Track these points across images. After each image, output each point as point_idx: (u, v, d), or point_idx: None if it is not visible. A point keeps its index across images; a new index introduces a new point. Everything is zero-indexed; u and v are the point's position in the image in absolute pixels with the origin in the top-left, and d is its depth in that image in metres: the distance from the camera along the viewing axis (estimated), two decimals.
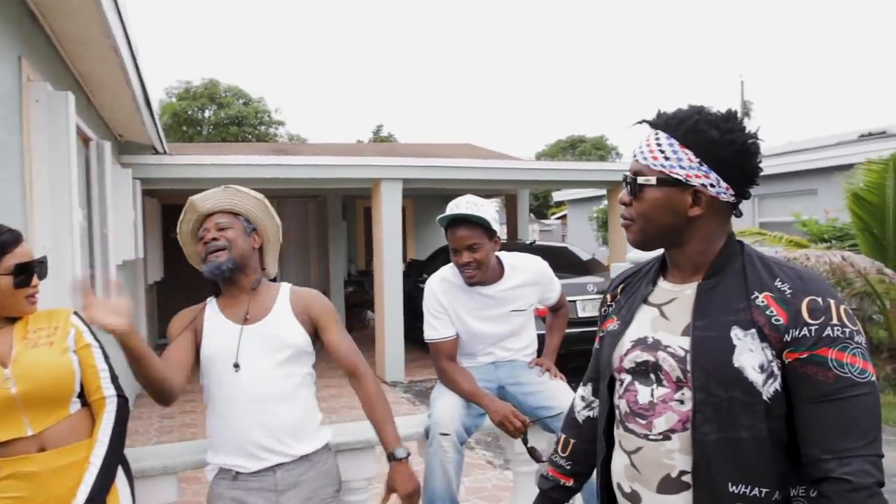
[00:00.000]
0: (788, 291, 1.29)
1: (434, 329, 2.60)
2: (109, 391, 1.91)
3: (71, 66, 3.97)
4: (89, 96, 4.71)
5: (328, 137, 56.95)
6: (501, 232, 2.85)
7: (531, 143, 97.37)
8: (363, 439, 2.41)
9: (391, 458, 2.08)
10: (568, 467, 1.71)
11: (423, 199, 12.72)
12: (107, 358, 1.96)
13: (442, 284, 2.64)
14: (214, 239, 2.03)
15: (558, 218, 29.47)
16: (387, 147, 13.17)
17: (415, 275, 9.76)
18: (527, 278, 2.65)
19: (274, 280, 2.25)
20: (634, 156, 1.43)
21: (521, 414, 2.46)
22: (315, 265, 12.54)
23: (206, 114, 26.84)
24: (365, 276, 12.11)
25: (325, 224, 11.79)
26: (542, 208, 33.95)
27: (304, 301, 2.15)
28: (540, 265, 2.72)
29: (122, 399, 1.94)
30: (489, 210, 2.52)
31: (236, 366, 1.99)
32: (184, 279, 11.94)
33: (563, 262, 8.13)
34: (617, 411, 1.48)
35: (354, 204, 13.53)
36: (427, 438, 2.45)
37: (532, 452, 2.45)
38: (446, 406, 2.46)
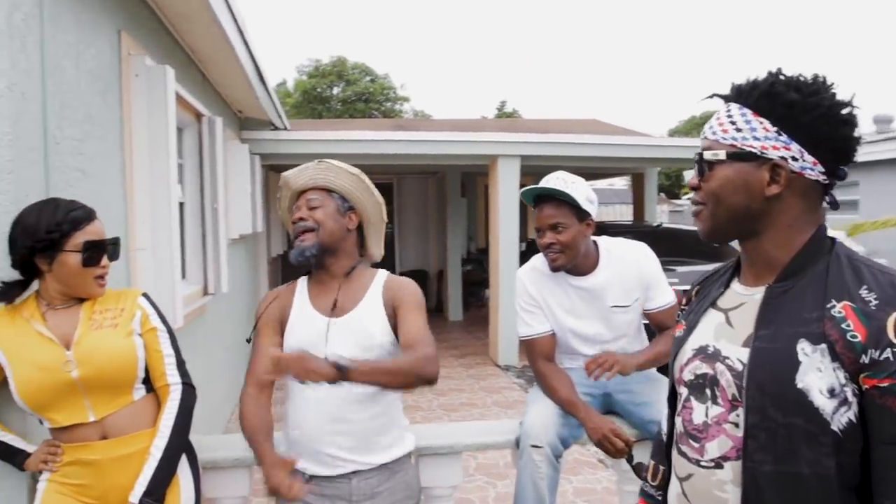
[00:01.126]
0: (874, 302, 1.06)
1: (526, 325, 2.32)
2: (174, 378, 1.81)
3: (181, 41, 3.97)
4: (203, 72, 4.74)
5: (452, 114, 57.18)
6: (625, 213, 2.48)
7: (664, 119, 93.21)
8: (447, 444, 2.18)
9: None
10: (658, 497, 1.44)
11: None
12: (174, 343, 1.86)
13: (532, 274, 2.35)
14: (302, 219, 1.87)
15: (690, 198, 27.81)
16: (507, 123, 12.81)
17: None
18: (625, 268, 2.28)
19: (380, 265, 2.08)
20: (703, 134, 1.21)
21: (623, 432, 2.13)
22: (433, 242, 12.49)
23: (335, 91, 27.56)
24: (484, 255, 11.91)
25: (443, 201, 11.65)
26: (673, 188, 32.31)
27: (394, 291, 1.92)
28: (641, 254, 2.32)
29: (187, 387, 1.83)
30: (581, 188, 2.19)
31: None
32: None
33: (693, 247, 7.50)
34: (675, 429, 1.28)
35: (475, 181, 13.32)
36: (518, 449, 2.18)
37: (638, 470, 2.12)
38: (540, 414, 2.17)
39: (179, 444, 1.78)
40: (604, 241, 2.33)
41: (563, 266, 2.23)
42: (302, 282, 1.98)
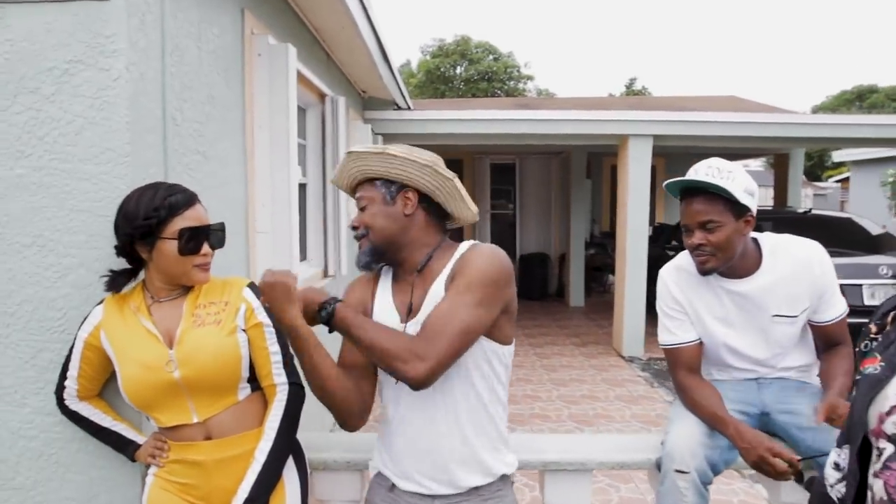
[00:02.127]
0: None
1: (668, 332, 2.03)
2: (281, 378, 1.68)
3: (305, 21, 3.90)
4: (328, 52, 4.69)
5: (578, 92, 55.77)
6: (766, 198, 2.12)
7: (808, 95, 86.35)
8: (577, 460, 1.95)
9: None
10: None
11: (677, 158, 11.59)
12: (281, 338, 1.71)
13: (677, 275, 2.05)
14: (355, 227, 1.63)
15: (837, 181, 25.58)
16: (637, 100, 12.15)
17: (662, 241, 8.92)
18: (793, 271, 1.93)
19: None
20: None
21: (784, 451, 1.79)
22: (556, 224, 12.14)
23: (458, 70, 27.46)
24: (608, 239, 11.46)
25: (567, 182, 11.27)
26: (815, 169, 29.83)
27: (457, 269, 1.54)
28: (815, 254, 1.95)
29: (295, 387, 1.69)
30: (739, 179, 1.86)
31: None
32: None
33: (846, 236, 6.78)
34: (869, 493, 1.06)
35: (601, 161, 12.81)
36: (659, 472, 1.91)
37: (810, 487, 1.80)
38: (685, 433, 1.89)
39: (285, 447, 1.66)
40: (768, 239, 1.99)
41: (714, 270, 1.92)
42: (387, 270, 1.71)
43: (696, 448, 1.84)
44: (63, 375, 1.77)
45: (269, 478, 1.62)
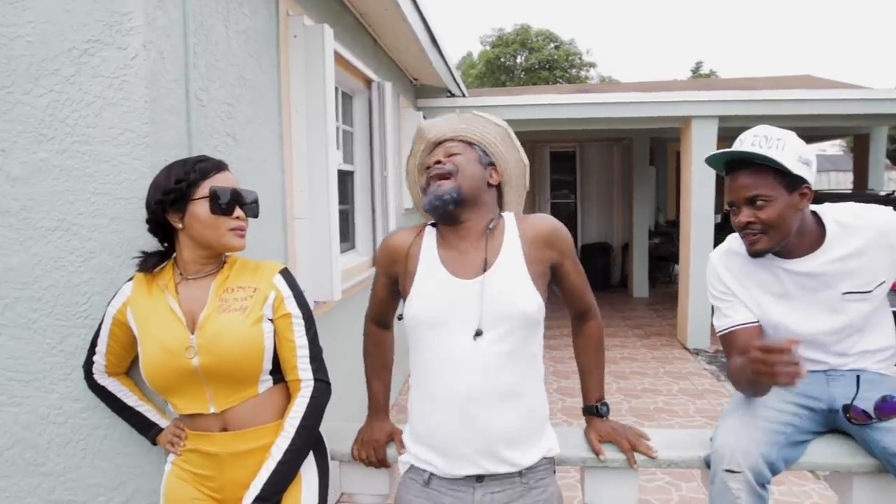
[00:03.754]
0: None
1: (724, 315, 1.84)
2: (306, 374, 1.58)
3: (348, 4, 3.83)
4: (375, 37, 4.61)
5: (642, 78, 54.37)
6: (841, 182, 1.89)
7: (890, 70, 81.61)
8: (621, 456, 1.79)
9: (588, 412, 1.80)
10: None
11: None
12: (310, 331, 1.62)
13: (728, 259, 1.87)
14: (439, 162, 1.59)
15: None
16: (703, 82, 11.64)
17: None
18: (867, 240, 1.72)
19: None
20: None
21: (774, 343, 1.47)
22: (618, 213, 11.80)
23: (518, 60, 27.11)
24: (674, 227, 11.05)
25: (630, 169, 10.91)
26: None
27: (543, 237, 1.61)
28: (889, 220, 1.73)
29: (321, 384, 1.60)
30: (791, 147, 1.65)
31: (478, 334, 1.53)
32: None
33: None
34: None
35: (665, 147, 12.38)
36: (709, 470, 1.74)
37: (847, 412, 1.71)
38: (736, 429, 1.71)
39: (303, 447, 1.57)
40: (830, 211, 1.78)
41: (766, 251, 1.73)
42: (430, 230, 1.69)
43: (750, 446, 1.66)
44: (91, 350, 1.74)
45: (283, 477, 1.53)
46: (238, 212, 1.60)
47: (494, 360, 1.51)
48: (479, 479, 1.54)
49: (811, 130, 9.40)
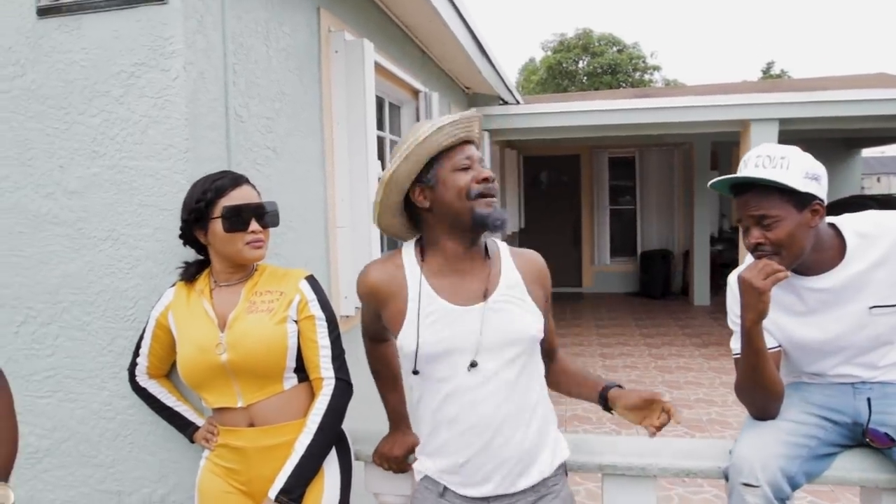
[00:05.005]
0: None
1: (738, 340, 1.78)
2: (328, 373, 1.68)
3: (393, 17, 3.94)
4: (423, 48, 4.71)
5: (709, 80, 52.99)
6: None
7: None
8: (637, 465, 1.81)
9: (607, 389, 1.69)
10: None
11: (818, 144, 10.64)
12: (333, 333, 1.72)
13: None
14: (487, 180, 1.52)
15: None
16: (767, 83, 11.29)
17: None
18: (888, 247, 1.66)
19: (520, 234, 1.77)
20: None
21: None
22: (679, 220, 11.56)
23: (580, 65, 26.89)
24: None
25: (690, 174, 10.70)
26: None
27: (535, 269, 1.64)
28: None
29: (341, 382, 1.69)
30: (797, 164, 1.61)
31: (473, 364, 1.50)
32: (543, 228, 12.28)
33: None
34: None
35: (729, 151, 12.05)
36: (727, 483, 1.73)
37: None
38: (755, 443, 1.69)
39: (325, 442, 1.66)
40: (849, 222, 1.73)
41: (795, 268, 1.70)
42: (407, 251, 1.61)
43: (769, 460, 1.63)
44: (136, 353, 1.88)
45: (306, 471, 1.62)
46: (254, 225, 1.69)
47: (504, 387, 1.51)
48: (495, 497, 1.56)
49: (885, 131, 9.00)
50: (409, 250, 1.61)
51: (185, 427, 1.87)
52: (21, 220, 2.08)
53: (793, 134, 7.45)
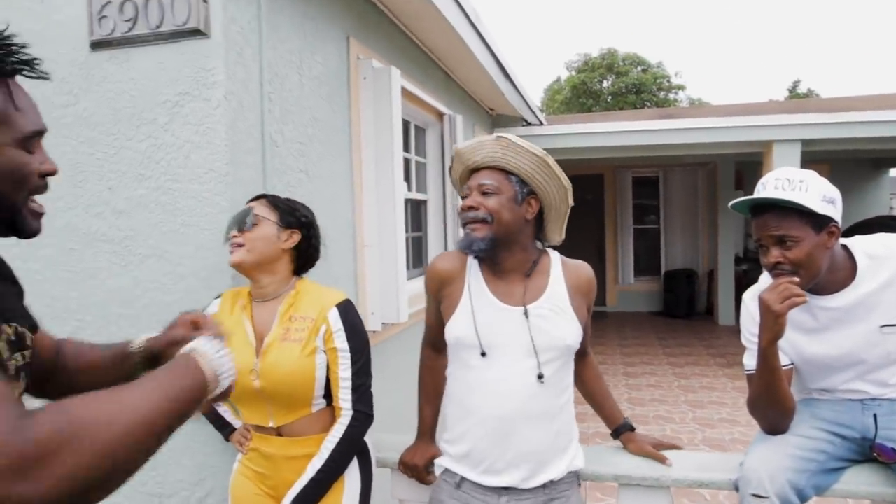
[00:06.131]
0: None
1: (754, 357, 1.83)
2: (346, 404, 1.75)
3: (418, 43, 4.08)
4: (447, 72, 4.85)
5: (735, 98, 52.67)
6: None
7: None
8: (652, 476, 1.89)
9: (623, 429, 1.94)
10: None
11: (844, 164, 10.61)
12: (355, 364, 1.77)
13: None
14: (473, 208, 1.65)
15: None
16: (792, 104, 11.23)
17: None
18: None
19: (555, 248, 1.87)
20: None
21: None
22: (704, 239, 11.53)
23: (605, 84, 26.98)
24: None
25: (715, 194, 10.69)
26: None
27: (583, 282, 1.76)
28: None
29: (360, 414, 1.76)
30: (815, 188, 1.67)
31: (483, 354, 1.67)
32: (567, 247, 12.29)
33: None
34: None
35: (755, 171, 11.97)
36: (738, 492, 1.80)
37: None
38: (765, 455, 1.75)
39: (336, 468, 1.74)
40: (860, 244, 1.80)
41: (809, 288, 1.77)
42: (473, 261, 1.77)
43: (777, 472, 1.70)
44: None
45: (314, 492, 1.70)
46: (234, 232, 1.78)
47: (532, 386, 1.64)
48: (506, 488, 1.67)
49: None
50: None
51: (223, 427, 1.97)
52: (72, 237, 2.23)
53: (817, 154, 7.46)
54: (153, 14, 2.06)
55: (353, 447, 1.76)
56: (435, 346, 1.91)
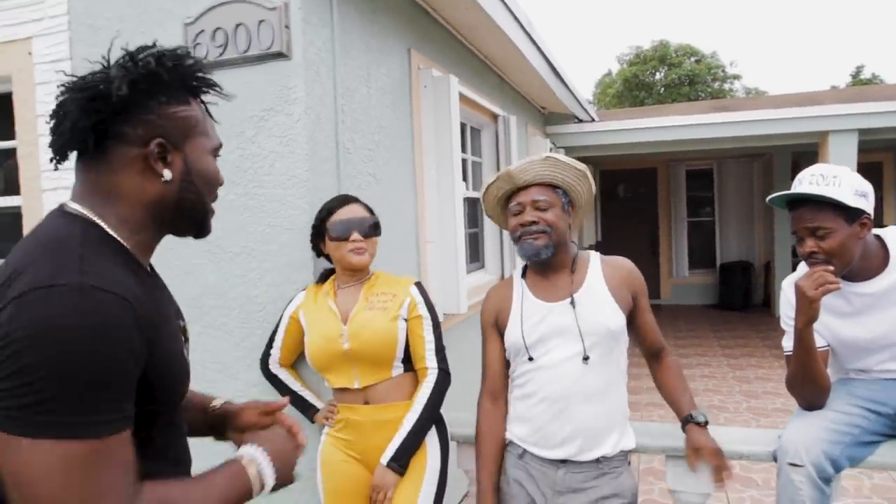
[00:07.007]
0: None
1: (791, 339, 1.97)
2: (432, 363, 2.04)
3: (474, 50, 4.29)
4: (501, 75, 5.04)
5: (794, 86, 51.07)
6: None
7: None
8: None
9: (689, 420, 1.95)
10: None
11: None
12: (436, 330, 2.08)
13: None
14: (534, 222, 1.87)
15: None
16: (848, 92, 10.97)
17: None
18: None
19: (594, 248, 2.05)
20: None
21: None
22: (759, 231, 11.40)
23: (657, 76, 26.63)
24: None
25: (770, 186, 10.56)
26: None
27: (621, 273, 1.95)
28: None
29: (442, 372, 2.04)
30: (847, 182, 1.82)
31: (530, 358, 1.89)
32: (620, 240, 12.36)
33: None
34: None
35: (812, 161, 11.76)
36: (777, 463, 1.95)
37: None
38: (802, 428, 1.91)
39: (428, 420, 2.00)
40: (892, 234, 1.94)
41: (845, 275, 1.91)
42: (517, 279, 2.01)
43: (812, 443, 1.85)
44: (269, 345, 2.27)
45: (412, 443, 1.97)
46: (355, 235, 2.05)
47: (580, 368, 1.84)
48: (563, 461, 1.87)
49: None
50: (516, 273, 2.03)
51: (306, 409, 2.23)
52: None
53: (877, 143, 7.34)
54: (241, 40, 2.32)
55: (440, 401, 2.03)
56: (493, 394, 2.00)
